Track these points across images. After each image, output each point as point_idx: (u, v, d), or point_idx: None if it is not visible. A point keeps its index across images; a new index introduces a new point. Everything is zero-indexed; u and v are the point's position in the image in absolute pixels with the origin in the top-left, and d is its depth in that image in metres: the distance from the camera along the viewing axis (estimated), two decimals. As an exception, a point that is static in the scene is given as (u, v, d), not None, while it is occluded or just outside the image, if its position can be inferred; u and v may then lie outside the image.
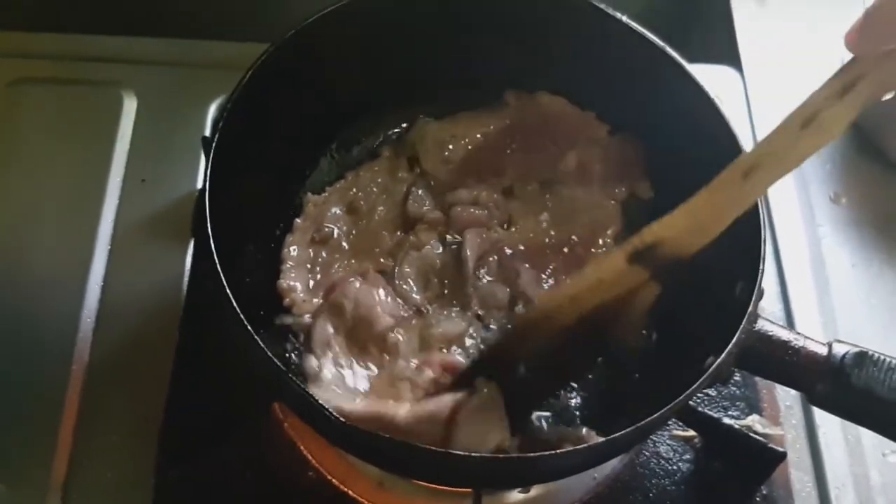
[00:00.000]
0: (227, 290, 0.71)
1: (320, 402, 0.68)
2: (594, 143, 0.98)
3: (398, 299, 0.90)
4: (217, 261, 0.73)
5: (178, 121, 1.09)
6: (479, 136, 0.99)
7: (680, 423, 0.94)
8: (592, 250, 0.94)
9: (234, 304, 0.71)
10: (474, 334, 0.89)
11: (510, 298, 0.91)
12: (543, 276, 0.93)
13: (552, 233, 0.96)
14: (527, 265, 0.93)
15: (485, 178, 0.98)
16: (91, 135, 1.08)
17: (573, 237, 0.95)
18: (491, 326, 0.90)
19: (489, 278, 0.92)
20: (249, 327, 0.70)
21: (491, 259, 0.93)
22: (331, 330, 0.86)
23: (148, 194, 1.04)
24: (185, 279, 0.99)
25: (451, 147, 0.99)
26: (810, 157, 0.72)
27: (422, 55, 0.96)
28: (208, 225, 0.75)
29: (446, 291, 0.92)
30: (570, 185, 0.97)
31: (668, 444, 0.94)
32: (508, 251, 0.94)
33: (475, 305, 0.91)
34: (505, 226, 0.96)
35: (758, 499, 0.91)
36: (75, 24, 1.15)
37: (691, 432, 0.93)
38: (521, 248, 0.95)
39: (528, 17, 0.95)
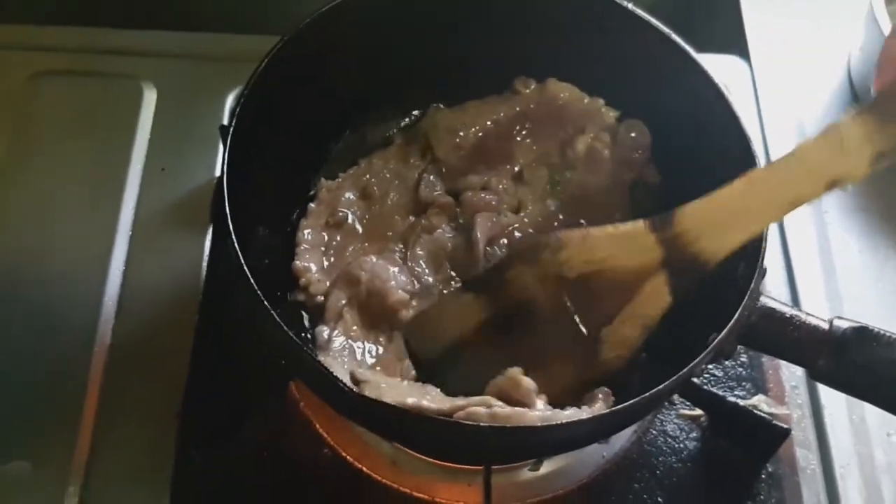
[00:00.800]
0: (245, 267, 0.74)
1: (332, 372, 0.70)
2: (603, 129, 1.00)
3: (412, 277, 0.92)
4: (235, 240, 0.75)
5: (196, 111, 1.11)
6: (489, 123, 1.01)
7: (687, 403, 0.95)
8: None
9: (251, 279, 0.73)
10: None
11: None
12: None
13: (561, 217, 0.98)
14: None
15: (495, 165, 1.00)
16: (111, 126, 1.11)
17: (582, 221, 0.96)
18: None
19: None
20: (265, 301, 0.73)
21: (501, 242, 0.96)
22: (343, 301, 0.88)
23: (167, 183, 1.07)
24: (204, 265, 1.02)
25: (462, 134, 1.00)
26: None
27: (433, 44, 0.98)
28: (227, 207, 0.77)
29: (455, 274, 0.94)
30: (578, 171, 0.99)
31: (675, 423, 0.95)
32: (518, 235, 0.96)
33: None
34: (516, 211, 0.98)
35: (763, 476, 0.93)
36: (95, 17, 1.17)
37: (698, 411, 0.95)
38: (531, 231, 0.96)
39: (538, 4, 0.97)
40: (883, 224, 1.10)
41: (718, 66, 1.16)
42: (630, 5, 0.93)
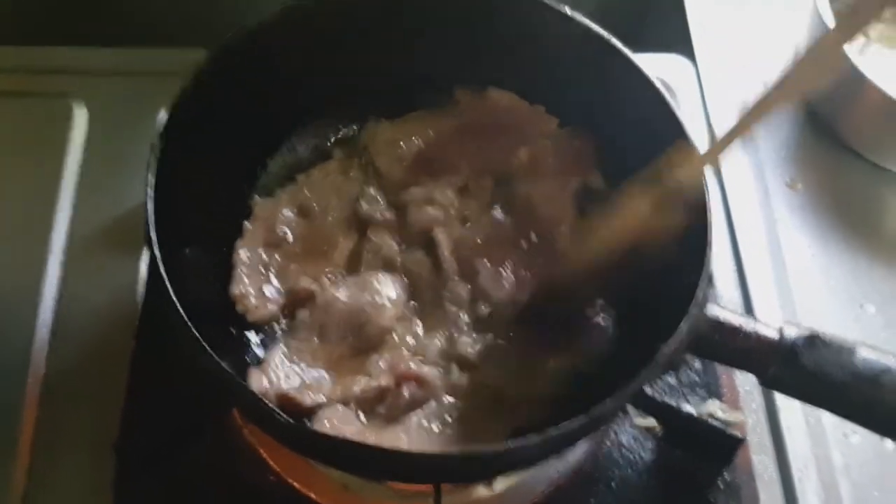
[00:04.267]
0: (172, 293, 0.71)
1: (268, 396, 0.67)
2: (545, 136, 0.98)
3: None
4: (161, 263, 0.72)
5: (130, 129, 1.08)
6: (430, 133, 0.99)
7: (641, 413, 0.94)
8: (548, 243, 0.94)
9: (178, 305, 0.70)
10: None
11: (470, 297, 0.91)
12: (502, 271, 0.92)
13: (508, 228, 0.95)
14: (485, 261, 0.92)
15: (438, 176, 0.97)
16: (42, 147, 1.07)
17: (529, 231, 0.95)
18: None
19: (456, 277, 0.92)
20: (191, 327, 0.70)
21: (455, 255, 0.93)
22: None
23: (101, 204, 1.04)
24: (141, 288, 0.99)
25: (403, 145, 0.98)
26: None
27: (367, 55, 0.96)
28: (152, 231, 0.75)
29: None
30: (523, 180, 0.97)
31: (630, 434, 0.94)
32: (468, 247, 0.93)
33: (448, 308, 0.90)
34: (463, 223, 0.96)
35: (721, 485, 0.92)
36: (20, 35, 1.14)
37: (652, 421, 0.94)
38: (479, 244, 0.94)
39: (474, 14, 0.95)
40: (832, 221, 1.09)
41: (662, 66, 1.17)
42: (566, 9, 0.91)
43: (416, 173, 0.97)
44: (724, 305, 0.81)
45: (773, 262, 1.06)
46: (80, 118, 1.09)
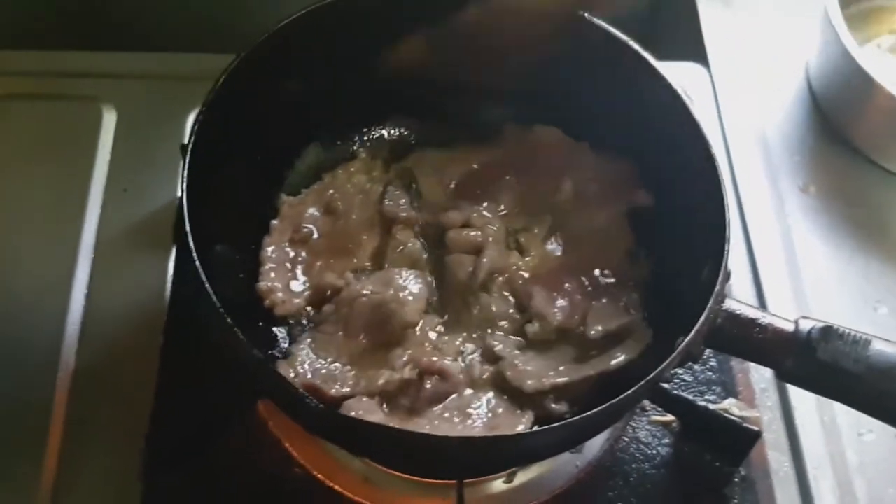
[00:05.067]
0: (206, 283, 0.73)
1: (296, 387, 0.69)
2: (584, 167, 0.99)
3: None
4: (196, 258, 0.74)
5: (158, 132, 1.10)
6: (475, 165, 1.01)
7: (658, 409, 0.95)
8: (608, 271, 0.95)
9: (213, 295, 0.72)
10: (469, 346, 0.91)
11: (520, 316, 0.92)
12: (556, 295, 0.93)
13: (564, 258, 0.97)
14: (538, 287, 0.93)
15: (479, 202, 0.99)
16: (72, 149, 1.10)
17: (587, 260, 0.96)
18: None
19: (495, 293, 0.93)
20: (227, 316, 0.72)
21: (498, 279, 0.94)
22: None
23: (130, 204, 1.06)
24: (168, 286, 1.01)
25: (448, 171, 1.00)
26: None
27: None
28: (187, 226, 0.77)
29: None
30: (572, 213, 0.98)
31: (648, 430, 0.95)
32: (523, 276, 0.94)
33: (476, 316, 0.92)
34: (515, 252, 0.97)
35: (736, 480, 0.93)
36: (53, 40, 1.17)
37: (670, 417, 0.95)
38: (534, 274, 0.95)
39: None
40: (845, 225, 1.11)
41: (678, 74, 1.17)
42: (594, 18, 0.93)
43: (457, 199, 0.99)
44: (737, 299, 0.82)
45: (788, 264, 1.07)
46: (109, 121, 1.12)
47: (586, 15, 0.93)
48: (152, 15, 1.23)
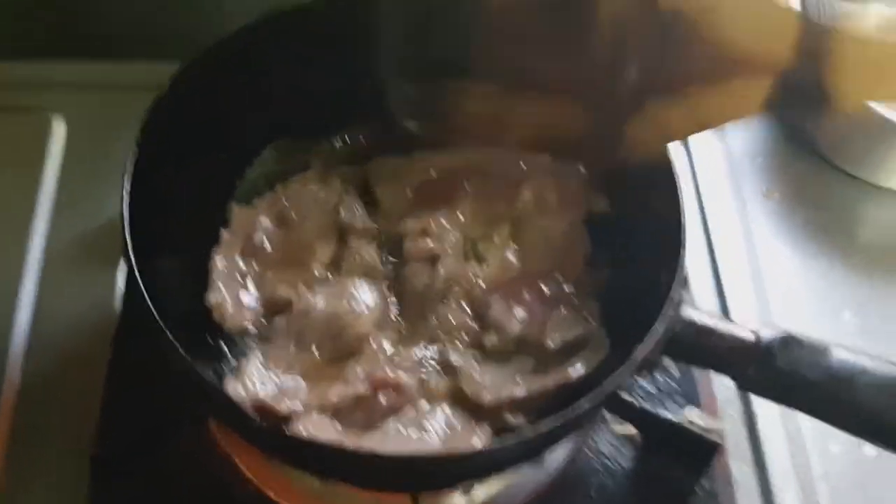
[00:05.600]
0: (147, 297, 0.71)
1: (243, 402, 0.67)
2: (543, 172, 0.97)
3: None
4: (136, 269, 0.72)
5: (109, 142, 1.07)
6: (433, 173, 0.99)
7: (619, 420, 0.94)
8: (567, 280, 0.93)
9: (153, 310, 0.70)
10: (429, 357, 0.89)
11: (478, 326, 0.90)
12: (515, 304, 0.91)
13: (522, 266, 0.94)
14: (496, 296, 0.91)
15: (437, 210, 0.96)
16: (20, 160, 1.07)
17: (545, 268, 0.94)
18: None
19: (452, 303, 0.91)
20: (169, 334, 0.70)
21: (456, 287, 0.92)
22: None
23: (79, 216, 1.04)
24: (118, 299, 0.99)
25: (405, 179, 0.98)
26: None
27: (353, 67, 0.96)
28: (127, 237, 0.75)
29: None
30: (531, 220, 0.97)
31: (610, 441, 0.94)
32: (481, 286, 0.92)
33: (433, 327, 0.90)
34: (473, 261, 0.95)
35: (699, 492, 0.91)
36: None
37: (631, 429, 0.94)
38: (492, 283, 0.93)
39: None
40: (809, 230, 1.10)
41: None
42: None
43: (414, 207, 0.97)
44: (696, 307, 0.81)
45: (751, 270, 1.06)
46: (59, 131, 1.10)
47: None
48: (102, 22, 1.21)
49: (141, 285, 0.73)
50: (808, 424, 0.95)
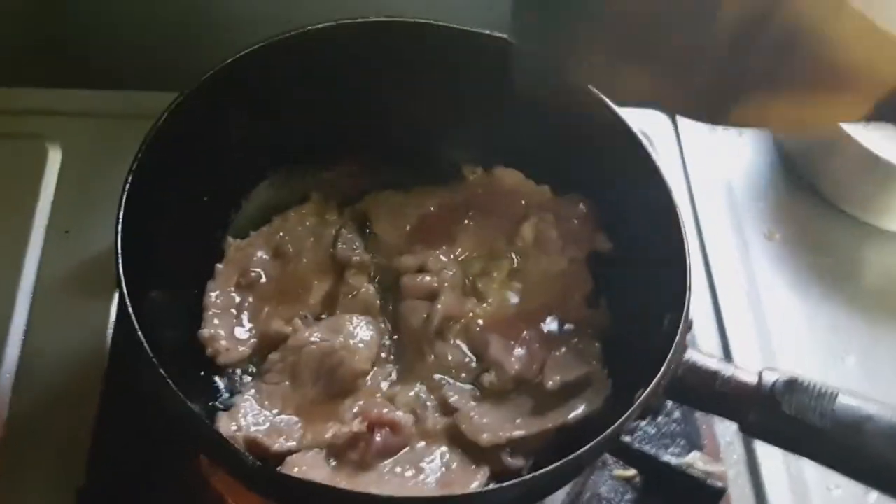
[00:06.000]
0: (139, 330, 0.69)
1: (236, 439, 0.65)
2: (544, 209, 0.97)
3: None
4: (129, 302, 0.71)
5: (104, 171, 1.05)
6: (432, 207, 0.98)
7: (620, 462, 0.92)
8: (567, 319, 0.92)
9: (146, 343, 0.69)
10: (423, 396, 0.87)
11: (477, 365, 0.89)
12: (514, 343, 0.90)
13: (522, 304, 0.93)
14: (495, 335, 0.90)
15: (434, 245, 0.96)
16: (14, 187, 1.06)
17: (546, 306, 0.93)
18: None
19: (450, 341, 0.90)
20: (161, 369, 0.68)
21: (454, 324, 0.91)
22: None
23: (72, 246, 1.02)
24: (110, 331, 0.96)
25: (404, 214, 0.98)
26: None
27: (351, 103, 0.96)
28: (120, 269, 0.73)
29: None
30: (532, 257, 0.96)
31: (610, 484, 0.92)
32: (480, 323, 0.91)
33: (431, 365, 0.89)
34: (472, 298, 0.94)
35: (701, 538, 0.89)
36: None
37: (632, 471, 0.92)
38: (491, 321, 0.92)
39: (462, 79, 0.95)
40: (811, 273, 1.09)
41: (640, 119, 1.16)
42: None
43: (411, 241, 0.96)
44: (699, 350, 0.80)
45: (753, 313, 1.05)
46: (54, 160, 1.08)
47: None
48: (100, 51, 1.20)
49: (133, 318, 0.71)
50: (811, 469, 0.93)
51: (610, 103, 0.88)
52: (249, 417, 0.81)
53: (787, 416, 0.74)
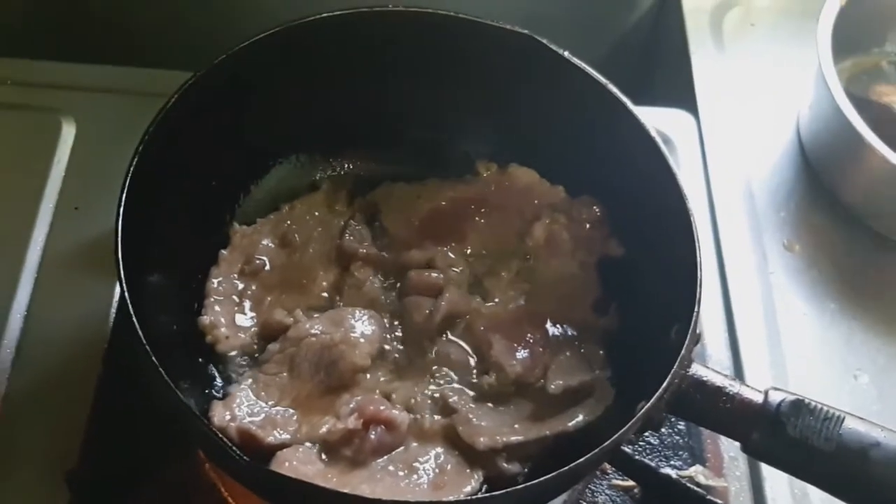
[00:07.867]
0: (133, 314, 0.68)
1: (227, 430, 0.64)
2: (557, 211, 0.95)
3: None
4: (125, 286, 0.70)
5: (117, 148, 1.01)
6: (443, 202, 0.97)
7: (619, 473, 0.90)
8: (573, 323, 0.90)
9: (139, 327, 0.67)
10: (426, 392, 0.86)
11: (478, 365, 0.88)
12: (517, 346, 0.88)
13: (529, 306, 0.92)
14: (499, 336, 0.88)
15: (443, 241, 0.94)
16: (27, 160, 1.05)
17: (552, 309, 0.91)
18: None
19: (453, 339, 0.89)
20: (154, 358, 0.67)
21: (458, 322, 0.90)
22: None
23: (80, 223, 1.01)
24: (113, 312, 0.96)
25: (414, 207, 0.96)
26: None
27: (365, 93, 0.95)
28: (119, 248, 0.72)
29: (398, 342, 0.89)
30: (542, 258, 0.94)
31: (607, 495, 0.90)
32: (484, 322, 0.90)
33: (432, 362, 0.87)
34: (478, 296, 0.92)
35: (699, 554, 0.88)
36: (15, 49, 1.12)
37: (630, 482, 0.90)
38: (496, 320, 0.90)
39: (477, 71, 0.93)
40: (829, 286, 1.06)
41: (664, 119, 1.14)
42: (574, 59, 0.88)
43: (421, 236, 0.95)
44: (711, 367, 0.78)
45: (767, 325, 1.03)
46: (68, 134, 1.07)
47: (565, 54, 0.88)
48: (119, 28, 1.19)
49: (129, 303, 0.70)
50: (816, 491, 0.88)
51: (629, 105, 0.86)
52: (244, 407, 0.80)
53: (792, 438, 0.72)
